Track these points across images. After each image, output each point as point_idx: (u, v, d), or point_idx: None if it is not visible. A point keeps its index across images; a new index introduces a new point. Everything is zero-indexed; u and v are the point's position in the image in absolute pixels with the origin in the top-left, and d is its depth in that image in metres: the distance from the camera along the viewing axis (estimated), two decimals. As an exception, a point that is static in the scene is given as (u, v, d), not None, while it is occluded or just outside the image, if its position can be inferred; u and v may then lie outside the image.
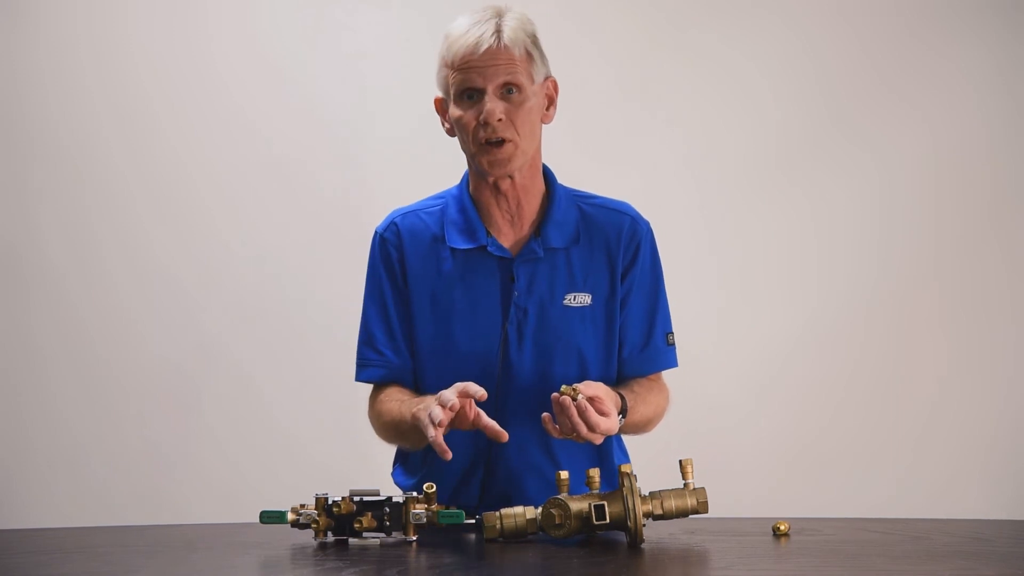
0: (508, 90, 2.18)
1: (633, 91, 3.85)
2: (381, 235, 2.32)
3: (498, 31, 2.17)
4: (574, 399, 2.02)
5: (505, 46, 2.17)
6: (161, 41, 3.83)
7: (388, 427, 2.26)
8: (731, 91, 3.85)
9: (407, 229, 2.30)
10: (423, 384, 2.28)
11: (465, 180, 2.32)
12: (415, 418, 2.11)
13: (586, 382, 2.09)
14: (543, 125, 2.27)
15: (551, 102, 2.27)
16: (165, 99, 3.82)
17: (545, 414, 2.07)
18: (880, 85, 3.82)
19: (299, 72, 3.84)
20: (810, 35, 3.85)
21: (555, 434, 2.07)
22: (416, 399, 2.20)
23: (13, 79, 3.82)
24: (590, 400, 2.04)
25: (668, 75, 3.85)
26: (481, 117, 2.16)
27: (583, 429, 2.03)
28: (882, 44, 3.83)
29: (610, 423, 2.07)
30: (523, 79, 2.19)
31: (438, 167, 2.55)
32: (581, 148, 3.70)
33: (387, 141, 3.83)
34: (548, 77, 2.26)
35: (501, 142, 2.18)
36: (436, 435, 2.00)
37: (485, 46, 2.16)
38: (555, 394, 2.04)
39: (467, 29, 2.18)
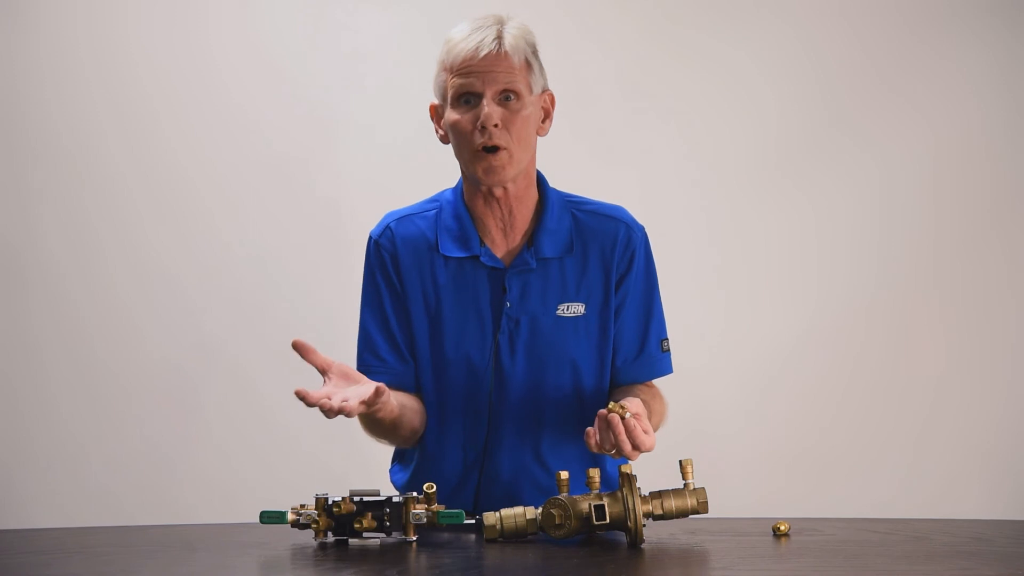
0: (506, 97, 2.16)
1: (633, 91, 3.85)
2: (376, 240, 2.31)
3: (499, 37, 2.16)
4: (623, 417, 2.00)
5: (506, 52, 2.16)
6: (161, 41, 3.83)
7: (372, 424, 2.23)
8: (731, 91, 3.85)
9: (401, 235, 2.29)
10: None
11: (460, 185, 2.30)
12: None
13: (627, 399, 2.04)
14: (538, 137, 2.25)
15: (547, 115, 2.26)
16: (165, 99, 3.82)
17: (589, 428, 2.01)
18: (880, 85, 3.82)
19: (299, 72, 3.84)
20: (810, 35, 3.85)
21: (594, 449, 2.02)
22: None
23: (13, 79, 3.82)
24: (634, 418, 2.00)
25: (668, 75, 3.85)
26: (479, 121, 2.15)
27: (627, 447, 1.98)
28: (882, 44, 3.83)
29: (652, 440, 2.01)
30: (521, 87, 2.17)
31: (437, 168, 2.55)
32: (581, 148, 3.70)
33: (386, 142, 3.83)
34: (546, 90, 2.25)
35: (495, 149, 2.16)
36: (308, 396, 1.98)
37: (485, 51, 2.14)
38: (602, 411, 1.99)
39: (468, 34, 2.16)
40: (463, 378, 2.24)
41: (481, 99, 2.15)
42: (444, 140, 2.25)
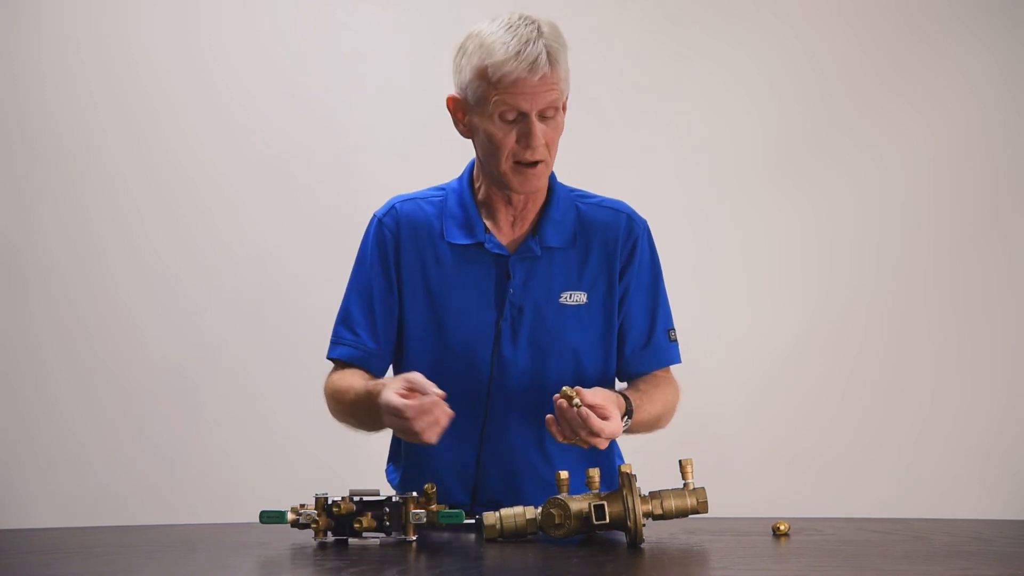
0: (547, 112, 2.15)
1: (633, 90, 3.85)
2: (379, 219, 2.30)
3: (548, 53, 2.11)
4: (571, 402, 2.01)
5: (555, 71, 2.12)
6: (161, 41, 3.83)
7: (345, 404, 2.21)
8: (731, 91, 3.85)
9: (406, 216, 2.29)
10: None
11: (467, 174, 2.30)
12: (379, 399, 2.04)
13: (590, 389, 2.06)
14: None
15: (564, 109, 2.24)
16: (165, 99, 3.82)
17: (549, 416, 2.06)
18: (880, 85, 3.82)
19: (299, 72, 3.84)
20: (810, 35, 3.85)
21: (559, 438, 2.06)
22: (378, 380, 2.18)
23: (13, 79, 3.82)
24: (591, 408, 2.02)
25: (668, 75, 3.85)
26: (524, 139, 2.13)
27: (584, 434, 2.02)
28: (882, 44, 3.83)
29: (614, 426, 2.05)
30: (561, 100, 2.16)
31: (437, 167, 2.55)
32: (581, 147, 3.68)
33: (386, 141, 3.83)
34: None
35: (535, 163, 2.16)
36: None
37: (541, 72, 2.10)
38: (556, 395, 2.04)
39: (517, 49, 2.10)
40: (463, 365, 2.23)
41: (526, 116, 2.13)
42: (465, 135, 2.23)
